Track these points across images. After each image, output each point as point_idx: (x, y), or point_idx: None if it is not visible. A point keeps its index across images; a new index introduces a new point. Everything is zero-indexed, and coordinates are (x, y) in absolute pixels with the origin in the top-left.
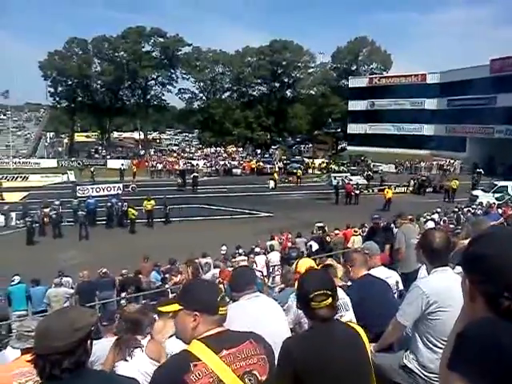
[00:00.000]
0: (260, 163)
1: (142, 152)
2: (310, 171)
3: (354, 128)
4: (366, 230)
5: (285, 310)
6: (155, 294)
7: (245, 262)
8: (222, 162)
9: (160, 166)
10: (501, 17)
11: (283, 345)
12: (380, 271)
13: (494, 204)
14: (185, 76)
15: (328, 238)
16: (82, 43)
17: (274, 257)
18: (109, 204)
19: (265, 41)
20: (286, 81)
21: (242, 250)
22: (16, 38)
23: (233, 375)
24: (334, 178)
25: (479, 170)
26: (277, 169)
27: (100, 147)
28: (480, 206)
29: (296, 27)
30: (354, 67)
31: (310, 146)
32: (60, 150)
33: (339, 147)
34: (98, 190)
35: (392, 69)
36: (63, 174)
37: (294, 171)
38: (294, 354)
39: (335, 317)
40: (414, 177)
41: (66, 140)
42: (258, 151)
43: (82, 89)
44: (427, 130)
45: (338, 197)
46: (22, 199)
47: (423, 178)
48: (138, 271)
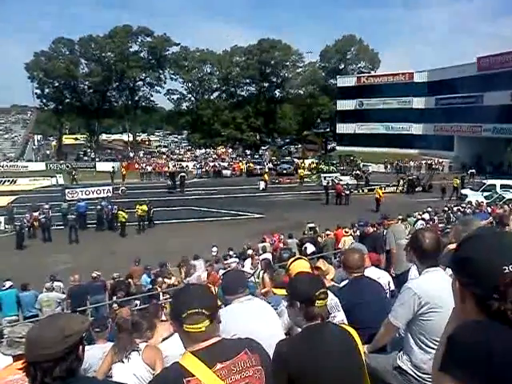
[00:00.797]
0: (250, 164)
1: (131, 154)
2: (299, 171)
3: (342, 128)
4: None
5: (278, 313)
6: (147, 297)
7: (235, 265)
8: (212, 164)
9: (150, 168)
10: (487, 12)
11: (276, 347)
12: (371, 272)
13: (483, 203)
14: (173, 76)
15: (319, 239)
16: (69, 43)
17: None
18: (98, 207)
19: (253, 40)
20: (274, 80)
21: (234, 252)
22: (0, 38)
23: None
24: (324, 178)
25: (472, 170)
26: (267, 169)
27: (89, 150)
28: (469, 205)
29: (284, 26)
30: (342, 66)
31: (299, 146)
32: (48, 152)
33: (328, 147)
34: (87, 192)
35: (380, 67)
36: (52, 177)
37: (298, 171)
38: (288, 356)
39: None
40: (403, 176)
41: (54, 142)
42: (247, 152)
43: (70, 90)
44: (415, 129)
45: (329, 197)
46: (8, 204)
47: (413, 178)
48: (129, 275)
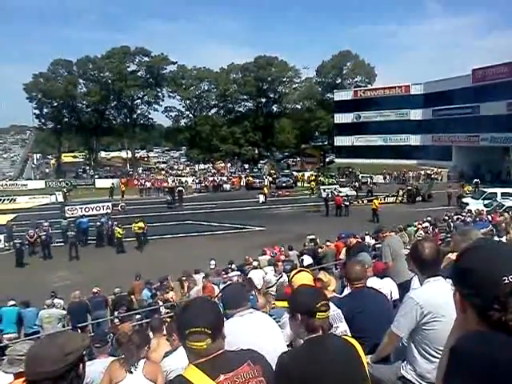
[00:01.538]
0: (249, 178)
1: (130, 171)
2: (299, 184)
3: (341, 140)
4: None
5: (280, 326)
6: (148, 311)
7: (236, 278)
8: (211, 178)
9: (149, 184)
10: (481, 26)
11: (279, 360)
12: (372, 282)
13: (483, 211)
14: (171, 94)
15: (320, 250)
16: (67, 64)
17: (269, 271)
18: (98, 223)
19: (249, 57)
20: (271, 96)
21: (235, 266)
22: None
23: None
24: (324, 190)
25: (476, 180)
26: (266, 183)
27: (88, 167)
28: (470, 214)
29: (279, 43)
30: (339, 81)
31: (298, 159)
32: (47, 171)
33: (327, 160)
34: (87, 209)
35: (376, 81)
36: (51, 194)
37: (308, 184)
38: (290, 368)
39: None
40: (402, 186)
41: (53, 161)
42: (246, 166)
43: (68, 110)
44: (413, 140)
45: (328, 209)
46: (8, 222)
47: (412, 188)
48: (130, 291)
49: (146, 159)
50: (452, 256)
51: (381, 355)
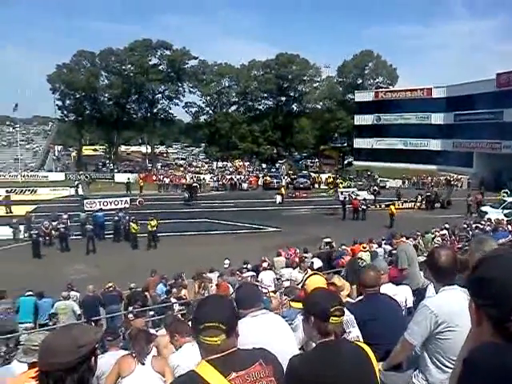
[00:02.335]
0: (267, 178)
1: (149, 166)
2: (316, 186)
3: (360, 143)
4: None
5: (293, 328)
6: (161, 307)
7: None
8: (229, 177)
9: (167, 180)
10: (506, 30)
11: (289, 363)
12: (387, 288)
13: (503, 220)
14: (191, 90)
15: (334, 254)
16: (90, 56)
17: (286, 272)
18: (116, 218)
19: (270, 54)
20: (292, 95)
21: (250, 266)
22: (24, 51)
23: None
24: (341, 193)
25: (505, 190)
26: (284, 183)
27: (107, 161)
28: (489, 223)
29: (301, 41)
30: (360, 81)
31: (316, 160)
32: (68, 163)
33: (345, 162)
34: (105, 203)
35: (398, 83)
36: (71, 187)
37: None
38: (301, 371)
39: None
40: (421, 192)
41: (74, 153)
42: (264, 166)
43: (90, 102)
44: (434, 144)
45: (345, 212)
46: (27, 212)
47: (431, 194)
48: (145, 287)
49: (164, 155)
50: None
51: (393, 362)
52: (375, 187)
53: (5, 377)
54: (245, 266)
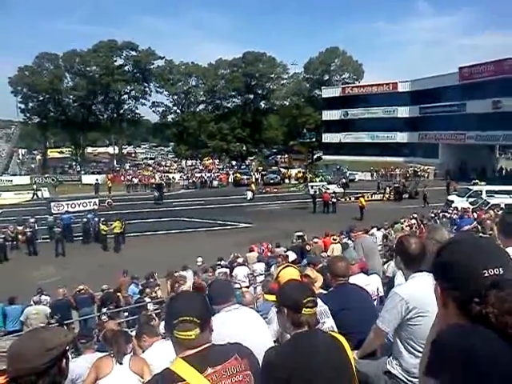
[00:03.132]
0: (237, 174)
1: (117, 167)
2: (286, 181)
3: (328, 137)
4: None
5: (267, 321)
6: (135, 308)
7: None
8: (199, 175)
9: (136, 180)
10: (469, 25)
11: (265, 355)
12: (359, 278)
13: (469, 208)
14: (158, 89)
15: (307, 247)
16: (53, 58)
17: (259, 267)
18: (85, 220)
19: (237, 53)
20: (259, 92)
21: (224, 262)
22: None
23: None
24: (311, 187)
25: (475, 180)
26: (254, 179)
27: (74, 163)
28: (455, 211)
29: (268, 40)
30: (327, 77)
31: (285, 156)
32: (33, 166)
33: (315, 157)
34: (73, 205)
35: (364, 78)
36: (37, 190)
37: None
38: (276, 364)
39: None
40: (389, 184)
41: (38, 156)
42: (233, 163)
43: (54, 104)
44: (400, 137)
45: (316, 206)
46: None
47: (399, 185)
48: (117, 289)
49: (133, 155)
50: None
51: (367, 351)
52: (344, 180)
53: None
54: (219, 263)
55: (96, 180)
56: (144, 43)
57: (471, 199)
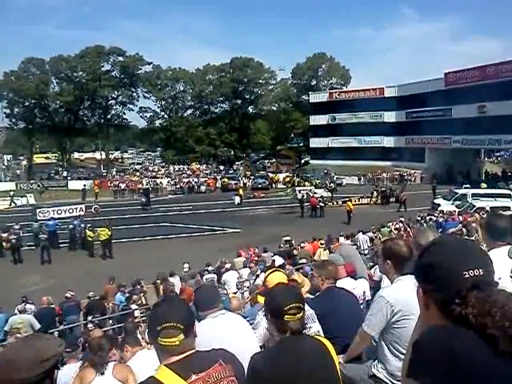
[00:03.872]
0: (225, 179)
1: (104, 172)
2: (274, 186)
3: (316, 142)
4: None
5: (254, 326)
6: (121, 315)
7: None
8: (186, 180)
9: (123, 186)
10: (454, 32)
11: (251, 361)
12: (346, 282)
13: (455, 211)
14: (146, 95)
15: (295, 251)
16: (39, 63)
17: (246, 272)
18: (71, 226)
19: (225, 58)
20: (247, 97)
21: (211, 268)
22: None
23: None
24: (299, 191)
25: (466, 185)
26: (242, 184)
27: (60, 168)
28: (441, 214)
29: (255, 45)
30: (314, 82)
31: (273, 161)
32: (18, 172)
33: (302, 161)
34: (59, 211)
35: (351, 83)
36: (22, 196)
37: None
38: (262, 369)
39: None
40: (376, 188)
41: (24, 162)
42: (221, 168)
43: (40, 109)
44: (387, 141)
45: (304, 210)
46: None
47: (386, 189)
48: (103, 296)
49: (120, 160)
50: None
51: (352, 354)
52: (332, 184)
53: None
54: (206, 269)
55: (84, 186)
56: (131, 48)
57: (457, 202)
